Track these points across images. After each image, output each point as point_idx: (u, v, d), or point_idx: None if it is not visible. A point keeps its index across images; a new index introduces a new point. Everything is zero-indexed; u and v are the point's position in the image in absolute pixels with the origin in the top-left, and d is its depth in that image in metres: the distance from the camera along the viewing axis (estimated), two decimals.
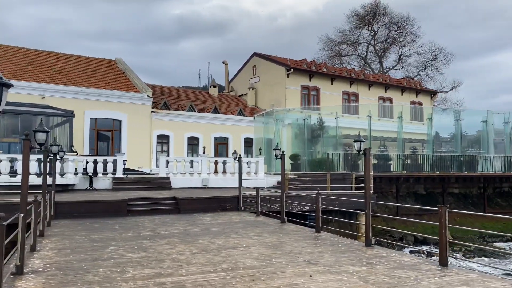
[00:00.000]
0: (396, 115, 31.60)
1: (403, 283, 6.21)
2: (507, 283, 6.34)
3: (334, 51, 59.40)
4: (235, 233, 10.83)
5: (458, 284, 6.19)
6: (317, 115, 29.98)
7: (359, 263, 7.51)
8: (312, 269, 7.06)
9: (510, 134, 31.64)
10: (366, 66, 57.89)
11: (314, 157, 27.61)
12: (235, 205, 15.81)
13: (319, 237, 10.48)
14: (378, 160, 27.08)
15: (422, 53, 57.99)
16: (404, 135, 29.85)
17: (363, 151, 9.87)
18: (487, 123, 30.36)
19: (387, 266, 7.33)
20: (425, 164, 28.01)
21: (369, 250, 8.74)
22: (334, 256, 8.09)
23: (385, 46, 58.98)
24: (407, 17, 57.72)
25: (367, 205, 9.27)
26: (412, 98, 41.93)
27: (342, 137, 28.16)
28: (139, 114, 28.19)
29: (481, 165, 29.65)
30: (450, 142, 32.52)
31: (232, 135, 31.37)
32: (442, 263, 7.32)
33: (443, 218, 7.36)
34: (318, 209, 11.24)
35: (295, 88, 34.66)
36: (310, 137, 28.71)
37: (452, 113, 34.44)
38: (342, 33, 58.97)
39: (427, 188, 27.13)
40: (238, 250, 8.65)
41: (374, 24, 58.15)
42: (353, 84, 37.95)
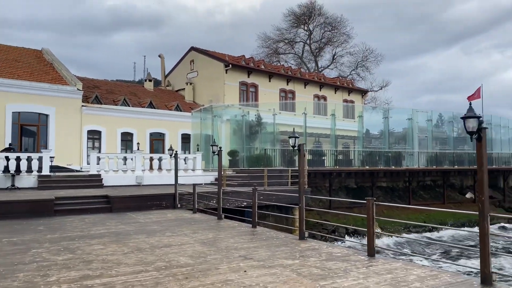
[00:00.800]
0: (329, 112, 32.75)
1: (333, 274, 6.44)
2: (427, 270, 6.82)
3: (272, 48, 60.31)
4: (170, 231, 10.60)
5: (384, 273, 6.54)
6: (255, 111, 30.23)
7: (292, 256, 7.68)
8: (247, 264, 7.10)
9: (432, 131, 34.10)
10: (303, 65, 59.44)
11: (252, 153, 27.84)
12: (171, 202, 15.49)
13: (255, 232, 10.58)
14: (312, 156, 27.92)
15: (354, 54, 60.73)
16: (337, 132, 31.03)
17: (298, 147, 10.10)
18: (412, 121, 32.41)
19: (319, 258, 7.56)
20: (356, 159, 29.34)
21: (302, 243, 8.97)
22: (269, 251, 8.20)
23: (320, 46, 60.92)
24: (341, 18, 60.11)
25: (301, 199, 9.50)
26: (345, 97, 43.74)
27: (279, 133, 28.65)
28: (68, 108, 26.61)
29: (407, 160, 31.63)
30: (379, 138, 34.29)
31: (169, 131, 30.69)
32: (370, 254, 7.70)
33: (370, 211, 7.73)
34: (254, 204, 11.33)
35: (233, 84, 34.67)
36: (249, 134, 28.90)
37: (381, 111, 36.38)
38: (280, 31, 60.08)
39: (358, 182, 28.48)
40: (172, 248, 8.47)
41: (310, 23, 59.82)
42: (290, 82, 38.76)
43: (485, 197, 6.12)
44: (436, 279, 6.18)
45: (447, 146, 34.44)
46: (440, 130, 37.24)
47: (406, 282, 6.04)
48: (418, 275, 6.43)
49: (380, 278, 6.24)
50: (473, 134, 6.06)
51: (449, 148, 34.03)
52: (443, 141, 35.83)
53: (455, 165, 32.36)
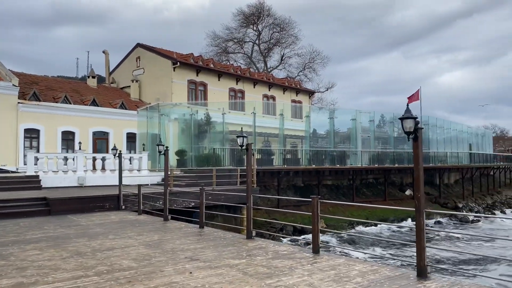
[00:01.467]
0: (278, 112, 33.17)
1: (279, 272, 6.51)
2: (368, 265, 7.09)
3: (221, 47, 60.08)
4: (113, 233, 10.22)
5: (328, 269, 6.71)
6: (204, 110, 29.94)
7: (239, 256, 7.67)
8: (193, 265, 7.00)
9: (374, 131, 35.59)
10: (252, 65, 59.76)
11: (201, 153, 27.56)
12: (114, 204, 14.95)
13: (203, 232, 10.47)
14: (261, 155, 28.15)
15: (302, 55, 61.96)
16: (285, 132, 31.50)
17: (246, 147, 10.11)
18: (356, 121, 33.63)
19: (266, 256, 7.62)
20: (303, 158, 29.98)
21: (249, 243, 8.99)
22: (215, 251, 8.14)
23: (269, 46, 61.56)
24: (289, 20, 61.08)
25: (248, 199, 9.52)
26: (293, 97, 44.52)
27: (228, 132, 28.58)
28: (2, 105, 24.87)
29: (351, 159, 32.80)
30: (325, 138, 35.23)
31: (113, 129, 29.60)
32: (315, 251, 7.88)
33: (315, 209, 7.90)
34: (202, 204, 11.21)
35: (181, 83, 34.10)
36: (197, 133, 28.56)
37: (327, 111, 37.42)
38: (229, 30, 59.98)
39: (305, 180, 29.13)
40: (115, 251, 8.16)
41: (259, 24, 60.26)
42: (239, 81, 38.79)
43: (421, 194, 6.45)
44: (376, 274, 6.44)
45: (388, 146, 36.09)
46: (382, 130, 38.94)
47: (348, 277, 6.23)
48: (360, 270, 6.67)
49: (324, 274, 6.40)
50: (410, 134, 6.37)
51: (390, 147, 35.68)
52: (384, 140, 37.51)
53: (396, 164, 33.99)
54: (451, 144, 42.06)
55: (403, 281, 6.04)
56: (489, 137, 58.45)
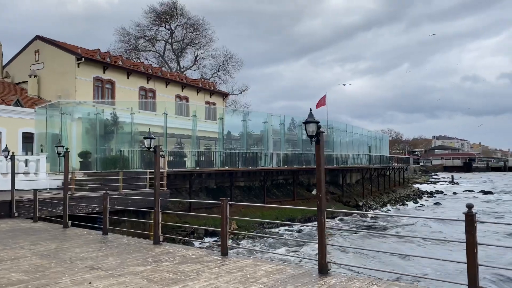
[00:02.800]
0: (191, 113, 32.77)
1: (185, 277, 6.38)
2: (274, 265, 7.27)
3: (131, 44, 57.71)
4: (2, 244, 9.22)
5: (235, 271, 6.74)
6: (111, 110, 28.41)
7: (145, 263, 7.39)
8: (93, 275, 6.57)
9: (284, 134, 36.90)
10: (164, 64, 58.32)
11: (108, 155, 26.10)
12: (6, 211, 13.54)
13: (106, 239, 9.90)
14: (173, 157, 27.52)
15: (216, 57, 62.03)
16: (199, 133, 31.20)
17: (154, 149, 9.80)
18: (268, 124, 34.56)
19: (173, 262, 7.43)
20: (217, 160, 29.96)
21: (156, 248, 8.71)
22: (119, 258, 7.74)
23: (182, 46, 60.61)
24: (203, 21, 60.79)
25: (156, 203, 9.22)
26: (207, 99, 44.33)
27: (138, 133, 27.47)
28: None
29: (263, 161, 33.59)
30: (239, 140, 35.65)
31: (7, 129, 26.72)
32: (223, 253, 7.88)
33: (224, 211, 7.91)
34: (105, 210, 10.61)
35: (87, 80, 31.99)
36: (103, 133, 26.99)
37: (241, 114, 37.94)
38: (140, 27, 57.85)
39: (218, 182, 29.14)
40: (3, 264, 7.36)
41: (171, 22, 59.04)
42: (150, 80, 37.54)
43: (322, 194, 6.79)
44: (281, 273, 6.63)
45: (297, 148, 37.67)
46: (292, 133, 40.51)
47: (254, 278, 6.33)
48: (266, 270, 6.81)
49: (231, 276, 6.42)
50: (313, 137, 6.68)
51: (299, 149, 37.25)
52: (294, 143, 39.08)
53: (304, 165, 35.56)
54: (353, 146, 45.24)
55: (306, 279, 6.30)
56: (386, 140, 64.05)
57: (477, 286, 5.48)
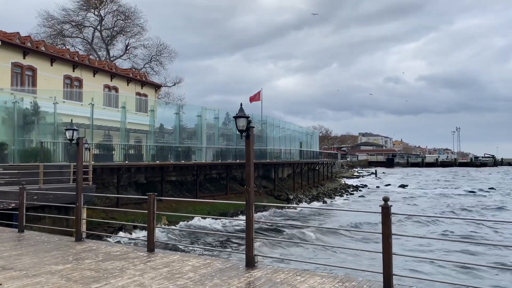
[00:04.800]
0: (121, 105, 31.49)
1: (108, 275, 6.14)
2: (201, 259, 7.25)
3: (56, 30, 53.96)
4: None
5: (161, 267, 6.62)
6: (32, 98, 26.40)
7: (64, 261, 6.99)
8: (5, 275, 6.10)
9: (219, 128, 36.81)
10: (92, 52, 55.35)
11: (27, 147, 24.26)
12: None
13: (22, 237, 9.23)
14: (100, 150, 26.27)
15: (148, 47, 60.05)
16: (129, 126, 30.08)
17: (76, 141, 9.29)
18: (201, 118, 34.23)
19: (95, 259, 7.12)
20: (147, 154, 29.10)
21: (78, 245, 8.29)
22: (36, 257, 7.25)
23: (112, 34, 57.88)
24: (135, 9, 58.50)
25: (78, 198, 8.76)
26: (138, 90, 42.83)
27: (62, 124, 25.80)
28: None
29: (196, 155, 33.24)
30: (172, 133, 34.97)
31: None
32: (150, 249, 7.69)
33: (151, 206, 7.72)
34: (22, 205, 9.88)
35: (4, 65, 29.40)
36: (22, 124, 25.03)
37: (175, 106, 37.19)
38: (66, 12, 54.26)
39: (148, 177, 28.36)
40: None
41: (101, 9, 56.10)
42: (76, 68, 35.43)
43: (251, 188, 6.88)
44: (208, 267, 6.62)
45: (231, 142, 37.79)
46: (226, 128, 40.53)
47: (181, 273, 6.26)
48: (193, 265, 6.76)
49: (157, 272, 6.29)
50: (243, 132, 6.73)
51: (233, 144, 37.40)
52: (228, 137, 39.16)
53: (238, 159, 35.78)
54: (285, 141, 46.39)
55: (232, 272, 6.35)
56: (316, 136, 66.52)
57: (391, 273, 5.89)
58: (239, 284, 5.76)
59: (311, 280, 5.94)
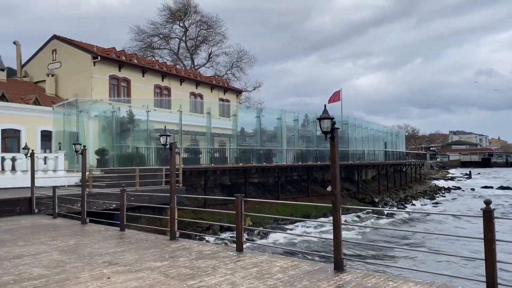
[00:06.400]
0: (206, 110, 32.95)
1: (202, 273, 6.46)
2: (289, 261, 7.30)
3: (146, 43, 58.15)
4: (24, 239, 9.45)
5: (250, 267, 6.79)
6: (127, 107, 28.76)
7: (161, 258, 7.49)
8: (111, 270, 6.70)
9: (298, 130, 36.80)
10: (178, 61, 58.64)
11: (124, 152, 26.45)
12: (26, 208, 13.84)
13: (124, 235, 10.07)
14: (188, 154, 27.75)
15: (229, 54, 62.09)
16: (213, 130, 31.38)
17: (169, 146, 9.90)
18: (281, 120, 34.53)
19: (189, 257, 7.52)
20: (231, 157, 30.10)
21: (173, 244, 8.82)
22: (136, 254, 7.87)
23: (196, 44, 60.84)
24: (216, 18, 60.88)
25: (172, 199, 9.33)
26: (221, 95, 44.48)
27: (154, 131, 27.76)
28: None
29: (277, 157, 33.60)
30: (253, 136, 35.73)
31: (26, 127, 27.28)
32: (239, 249, 7.94)
33: (239, 207, 7.96)
34: (122, 206, 10.78)
35: (102, 78, 32.42)
36: (119, 131, 27.37)
37: (255, 110, 37.99)
38: (154, 25, 58.25)
39: (232, 179, 29.26)
40: (24, 259, 7.55)
41: (185, 20, 59.30)
42: (165, 78, 37.84)
43: (337, 191, 6.78)
44: (296, 269, 6.65)
45: (312, 144, 37.55)
46: (306, 129, 40.39)
47: (270, 274, 6.37)
48: (281, 266, 6.84)
49: (247, 272, 6.47)
50: (327, 134, 6.66)
51: (313, 145, 37.14)
52: (308, 139, 38.97)
53: (318, 161, 35.43)
54: (368, 142, 44.87)
55: (321, 275, 6.31)
56: (402, 136, 63.33)
57: (495, 283, 5.42)
58: (328, 287, 5.71)
59: (404, 286, 5.69)
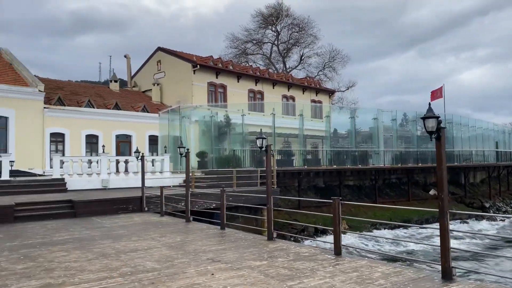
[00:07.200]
0: (298, 112, 33.07)
1: (300, 274, 6.49)
2: (391, 267, 6.98)
3: (240, 49, 60.30)
4: (137, 235, 10.39)
5: (350, 271, 6.65)
6: (224, 112, 30.11)
7: (260, 258, 7.69)
8: (215, 267, 7.05)
9: (397, 130, 35.03)
10: (271, 65, 59.75)
11: (221, 154, 27.71)
12: (138, 206, 15.19)
13: (224, 234, 10.53)
14: (281, 156, 28.10)
15: (321, 55, 61.57)
16: (305, 132, 31.35)
17: (265, 148, 10.13)
18: (378, 120, 33.18)
19: (287, 258, 7.60)
20: (324, 158, 29.75)
21: (270, 244, 9.00)
22: (237, 252, 8.17)
23: (288, 47, 61.42)
24: (308, 20, 60.81)
25: (268, 200, 9.53)
26: (313, 97, 44.28)
27: (248, 134, 28.65)
28: (29, 110, 25.62)
29: (373, 159, 32.37)
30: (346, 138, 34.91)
31: (136, 132, 30.09)
32: (336, 252, 7.81)
33: (336, 210, 7.84)
34: (223, 206, 11.27)
35: (201, 85, 34.41)
36: (217, 134, 28.75)
37: (348, 111, 37.10)
38: (248, 32, 60.16)
39: (326, 181, 28.90)
40: (138, 253, 8.30)
41: (277, 24, 60.22)
42: (258, 82, 38.86)
43: (444, 195, 6.32)
44: (399, 276, 6.34)
45: (411, 145, 35.46)
46: (404, 129, 38.30)
47: (371, 279, 6.16)
48: (383, 272, 6.58)
49: (346, 276, 6.35)
50: (433, 134, 6.25)
51: (413, 146, 35.05)
52: (407, 139, 36.86)
53: (419, 163, 33.36)
54: (476, 142, 40.99)
55: (427, 283, 5.94)
56: None
57: None
58: None
59: None
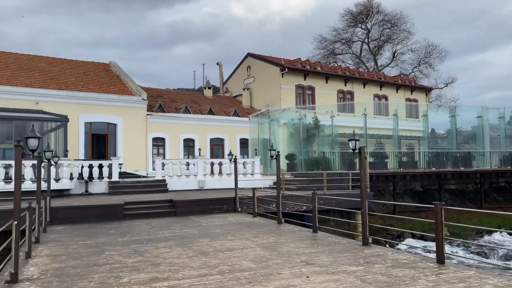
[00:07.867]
0: (391, 112, 31.65)
1: (400, 282, 6.18)
2: (504, 279, 6.32)
3: (328, 50, 59.47)
4: (232, 234, 10.78)
5: (455, 282, 6.17)
6: (312, 114, 29.98)
7: (356, 263, 7.48)
8: (309, 269, 7.03)
9: (505, 129, 31.74)
10: (361, 64, 57.99)
11: (310, 157, 27.60)
12: (231, 206, 15.76)
13: (316, 237, 10.45)
14: (374, 158, 27.09)
15: (416, 50, 58.20)
16: (400, 132, 29.88)
17: (358, 150, 9.86)
18: (482, 118, 30.43)
19: (384, 265, 7.30)
20: (421, 161, 28.03)
21: (366, 249, 8.71)
22: (331, 256, 8.06)
23: (379, 44, 59.08)
24: (400, 15, 57.92)
25: (363, 204, 9.25)
26: (407, 95, 42.02)
27: (338, 135, 28.15)
28: (134, 117, 28.09)
29: (477, 161, 29.71)
30: (445, 138, 32.59)
31: (228, 136, 31.31)
32: (439, 260, 7.31)
33: (438, 216, 7.34)
34: (314, 208, 11.21)
35: (289, 88, 34.65)
36: (306, 137, 28.71)
37: (447, 109, 34.55)
38: (336, 31, 59.11)
39: (424, 185, 27.17)
40: (234, 252, 8.60)
41: (367, 22, 58.27)
42: (348, 82, 37.98)
43: None
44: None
45: None
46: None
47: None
48: (495, 284, 5.99)
49: (452, 287, 5.90)
50: None
51: None
52: None
53: None
54: None
55: None
56: None
57: None
58: None
59: None
